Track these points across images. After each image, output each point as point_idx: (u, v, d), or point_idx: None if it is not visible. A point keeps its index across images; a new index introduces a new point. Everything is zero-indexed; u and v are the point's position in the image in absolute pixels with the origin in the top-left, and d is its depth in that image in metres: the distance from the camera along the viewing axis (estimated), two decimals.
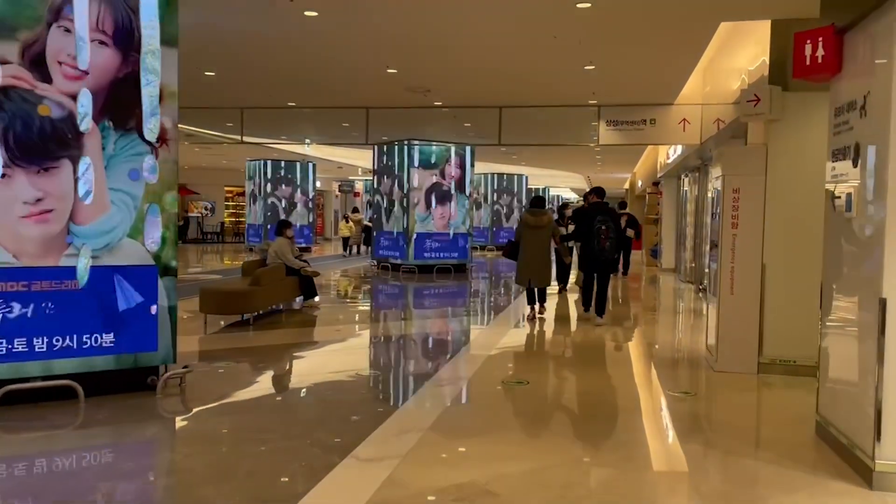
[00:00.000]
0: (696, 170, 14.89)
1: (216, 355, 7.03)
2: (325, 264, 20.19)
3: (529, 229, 9.19)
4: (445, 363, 6.78)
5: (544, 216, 9.36)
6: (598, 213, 8.91)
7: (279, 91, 11.10)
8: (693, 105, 11.11)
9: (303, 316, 9.77)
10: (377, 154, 17.86)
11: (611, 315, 10.03)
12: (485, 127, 11.88)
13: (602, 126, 11.38)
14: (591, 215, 8.93)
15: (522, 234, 9.26)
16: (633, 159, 22.85)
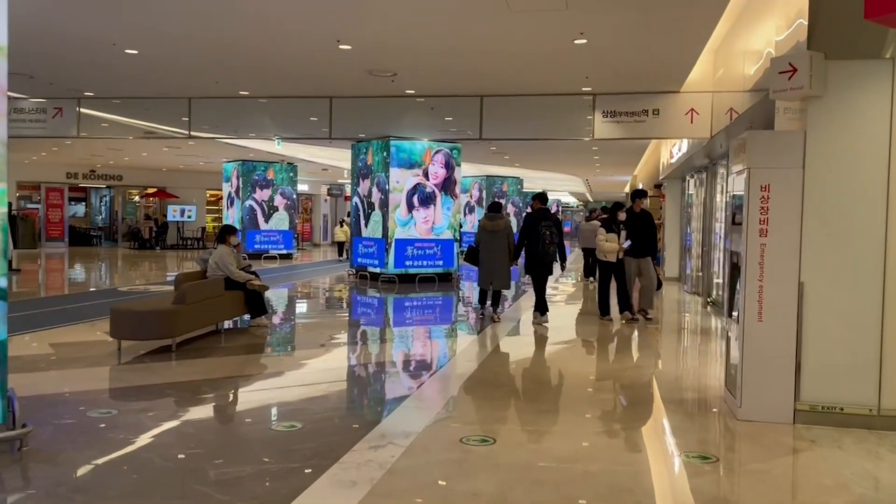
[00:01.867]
0: (703, 170, 13.45)
1: (106, 398, 5.57)
2: (302, 273, 18.77)
3: (487, 234, 9.49)
4: (396, 408, 5.31)
5: (501, 220, 9.55)
6: (542, 218, 9.25)
7: (225, 77, 9.66)
8: (702, 93, 9.67)
9: (246, 339, 8.31)
10: (354, 153, 16.44)
11: (604, 332, 8.56)
12: (466, 120, 10.45)
13: (597, 117, 9.93)
14: (535, 220, 9.28)
15: (481, 239, 9.58)
16: (634, 160, 21.42)
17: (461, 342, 8.77)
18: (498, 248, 9.37)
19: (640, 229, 9.68)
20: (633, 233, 9.64)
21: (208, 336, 8.19)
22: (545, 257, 9.17)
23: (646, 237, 9.72)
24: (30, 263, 19.48)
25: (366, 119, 10.71)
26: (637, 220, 9.69)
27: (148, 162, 25.97)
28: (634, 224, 9.66)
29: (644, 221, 9.74)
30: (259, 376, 6.41)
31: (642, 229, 9.69)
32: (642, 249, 9.74)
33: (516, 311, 11.44)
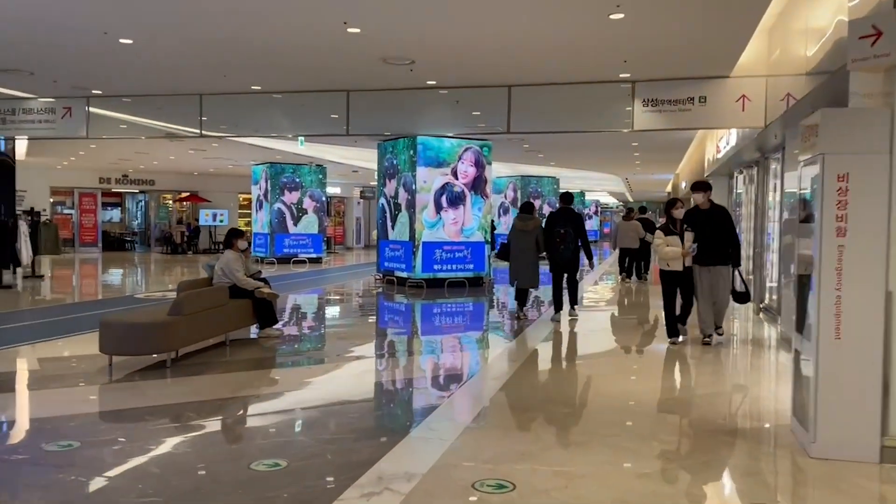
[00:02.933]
0: (753, 165, 12.42)
1: (74, 426, 4.93)
2: (329, 277, 18.17)
3: (517, 233, 9.75)
4: (402, 441, 4.55)
5: (531, 221, 9.73)
6: (559, 218, 9.58)
7: (232, 70, 9.03)
8: (755, 77, 8.72)
9: (252, 352, 7.65)
10: (380, 152, 15.76)
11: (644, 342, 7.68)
12: (493, 113, 9.64)
13: (637, 107, 9.03)
14: (553, 221, 9.61)
15: (512, 238, 9.84)
16: (677, 157, 20.33)
17: (488, 355, 7.97)
18: (527, 247, 9.63)
19: (713, 229, 7.68)
20: (702, 234, 7.65)
21: (213, 349, 7.55)
22: (558, 256, 9.58)
23: (721, 240, 7.71)
24: (52, 269, 19.27)
25: (386, 114, 9.98)
26: (706, 217, 7.74)
27: (179, 166, 25.73)
28: (703, 223, 7.70)
29: (717, 219, 7.75)
30: (254, 398, 5.71)
31: (715, 229, 7.69)
32: (717, 255, 7.71)
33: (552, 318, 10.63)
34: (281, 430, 4.76)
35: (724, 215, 7.87)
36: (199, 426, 4.86)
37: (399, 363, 7.46)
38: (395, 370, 7.06)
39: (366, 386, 6.24)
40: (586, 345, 8.92)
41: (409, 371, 7.04)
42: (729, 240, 7.76)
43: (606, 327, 10.42)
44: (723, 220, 7.82)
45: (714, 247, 7.69)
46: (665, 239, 7.88)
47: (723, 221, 7.80)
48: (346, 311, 12.06)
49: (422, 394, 6.04)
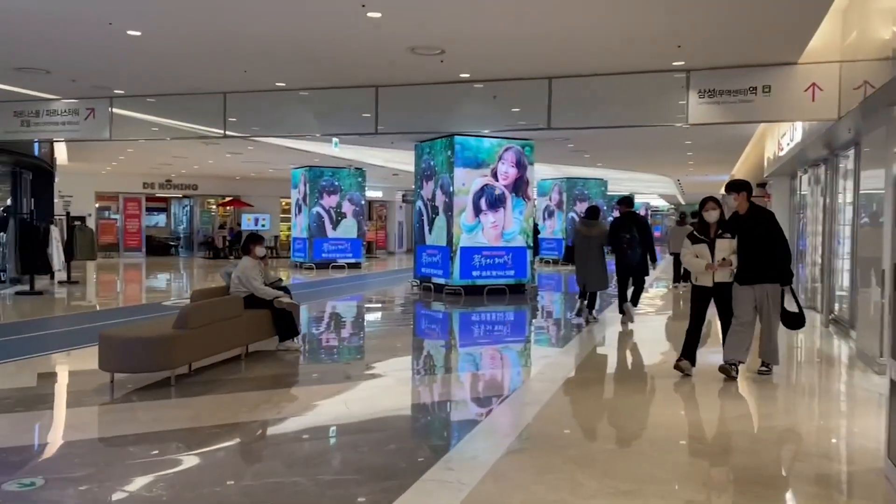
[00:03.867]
0: (821, 163, 11.36)
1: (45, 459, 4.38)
2: (366, 283, 17.63)
3: (582, 238, 9.95)
4: (412, 486, 3.84)
5: (595, 227, 9.90)
6: (624, 222, 9.69)
7: (252, 65, 8.48)
8: (827, 63, 7.77)
9: (269, 367, 7.05)
10: (417, 154, 15.15)
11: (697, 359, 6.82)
12: (532, 108, 8.87)
13: (692, 98, 8.15)
14: (618, 226, 9.72)
15: (576, 243, 10.12)
16: (733, 157, 19.20)
17: (525, 374, 7.22)
18: (592, 252, 9.80)
19: (756, 238, 6.27)
20: (743, 244, 6.33)
21: (227, 363, 6.98)
22: (626, 262, 9.69)
23: (767, 251, 6.25)
24: (94, 274, 19.20)
25: (418, 111, 9.31)
26: (748, 224, 6.35)
27: (220, 170, 25.63)
28: (743, 231, 6.35)
29: (762, 225, 6.33)
30: (254, 425, 5.08)
31: (759, 238, 6.27)
32: (761, 271, 6.26)
33: (602, 326, 9.88)
34: (275, 469, 4.11)
35: (769, 221, 6.41)
36: (181, 460, 4.24)
37: (423, 383, 6.75)
38: (418, 392, 6.36)
39: (383, 411, 5.57)
40: (635, 361, 8.09)
41: (433, 393, 6.34)
42: (777, 251, 6.28)
43: (657, 339, 9.55)
44: (768, 226, 6.35)
45: (757, 260, 6.27)
46: (692, 248, 6.55)
47: (769, 229, 6.33)
48: (377, 321, 11.44)
49: (444, 422, 5.33)
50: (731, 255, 6.38)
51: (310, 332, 9.60)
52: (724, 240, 6.43)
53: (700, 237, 6.55)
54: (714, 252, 6.42)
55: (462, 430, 5.00)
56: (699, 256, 6.51)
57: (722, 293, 6.49)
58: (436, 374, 7.26)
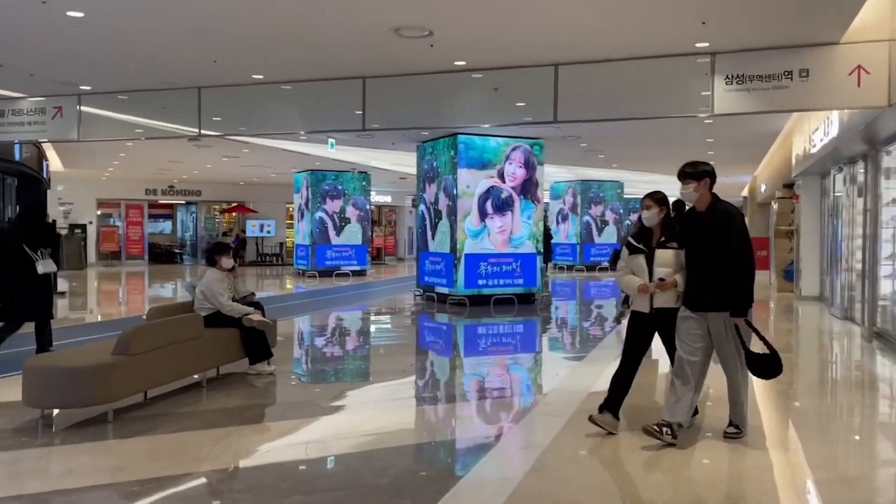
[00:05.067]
0: (859, 159, 10.31)
1: None
2: (367, 293, 16.74)
3: None
4: None
5: None
6: None
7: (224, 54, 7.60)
8: (875, 43, 6.75)
9: (234, 396, 6.13)
10: (419, 155, 14.26)
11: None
12: (537, 100, 7.92)
13: (719, 85, 7.14)
14: None
15: None
16: (758, 156, 18.10)
17: (526, 405, 6.24)
18: None
19: (713, 247, 4.55)
20: (695, 254, 4.66)
21: (187, 391, 6.09)
22: None
23: (727, 265, 4.51)
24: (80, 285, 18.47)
25: (410, 105, 8.38)
26: (706, 226, 4.60)
27: (223, 176, 24.91)
28: (694, 236, 4.67)
29: (724, 229, 4.54)
30: (192, 478, 4.16)
31: (718, 247, 4.53)
32: (712, 293, 4.54)
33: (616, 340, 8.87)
34: None
35: (734, 224, 4.53)
36: None
37: (406, 419, 5.78)
38: (396, 432, 5.38)
39: (352, 458, 4.63)
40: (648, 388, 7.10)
41: (417, 433, 5.38)
42: (738, 267, 4.49)
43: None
44: (733, 232, 4.51)
45: (712, 278, 4.52)
46: (626, 261, 4.94)
47: (733, 235, 4.50)
48: (370, 337, 10.51)
49: (417, 479, 4.37)
50: (676, 273, 4.67)
51: (292, 350, 8.70)
52: (667, 250, 4.71)
53: (637, 245, 4.87)
54: (652, 266, 4.73)
55: (439, 489, 4.05)
56: (635, 272, 4.83)
57: (665, 322, 4.76)
58: (427, 405, 6.32)
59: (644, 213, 4.85)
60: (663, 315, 4.75)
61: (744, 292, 4.51)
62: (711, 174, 4.67)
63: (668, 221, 4.81)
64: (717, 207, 4.64)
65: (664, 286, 4.66)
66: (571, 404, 5.76)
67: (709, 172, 4.66)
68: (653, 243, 4.81)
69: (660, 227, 4.81)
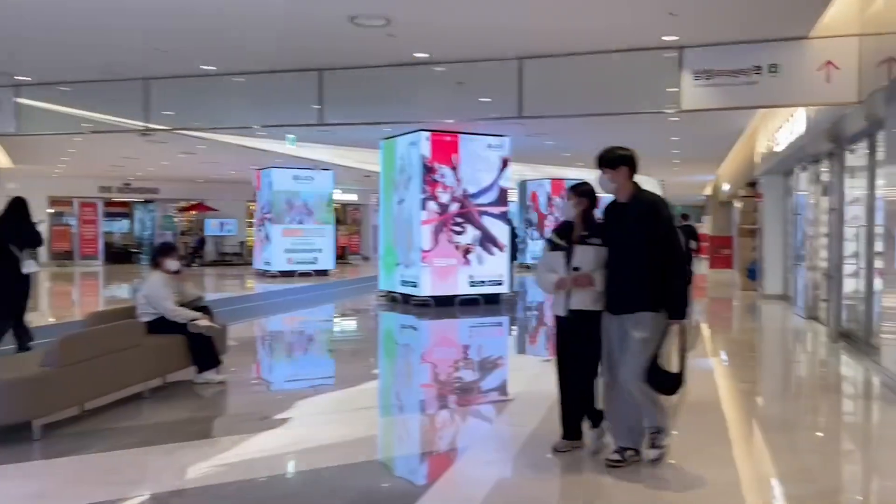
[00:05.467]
0: (824, 158, 10.24)
1: None
2: (328, 294, 16.31)
3: None
4: None
5: None
6: None
7: (169, 42, 7.17)
8: (844, 38, 6.62)
9: (176, 408, 5.72)
10: (382, 152, 13.90)
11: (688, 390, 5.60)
12: (502, 94, 7.64)
13: (687, 80, 6.94)
14: None
15: None
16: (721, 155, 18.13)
17: (491, 412, 5.95)
18: None
19: (633, 240, 4.08)
20: (614, 249, 4.18)
21: (128, 403, 5.66)
22: None
23: (643, 260, 4.05)
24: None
25: (370, 99, 8.05)
26: (627, 218, 4.14)
27: (182, 173, 24.22)
28: (614, 229, 4.20)
29: (647, 221, 4.07)
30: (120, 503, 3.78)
31: (638, 240, 4.06)
32: (630, 293, 4.08)
33: None
34: None
35: (651, 213, 4.06)
36: None
37: (364, 432, 5.40)
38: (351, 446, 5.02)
39: (302, 478, 4.28)
40: None
41: (374, 447, 5.03)
42: (669, 265, 4.01)
43: None
44: (648, 222, 4.03)
45: (629, 276, 4.05)
46: (546, 258, 4.40)
47: (658, 227, 4.03)
48: (329, 341, 10.14)
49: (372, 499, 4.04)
50: (596, 269, 4.15)
51: (246, 356, 8.29)
52: (588, 246, 4.18)
53: (558, 242, 4.31)
54: (570, 264, 4.20)
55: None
56: (555, 271, 4.28)
57: (581, 328, 4.18)
58: (380, 417, 5.99)
59: (566, 205, 4.38)
60: (581, 319, 4.18)
61: (680, 291, 4.05)
62: (629, 161, 4.16)
63: (590, 216, 4.29)
64: (640, 198, 4.14)
65: (579, 280, 4.14)
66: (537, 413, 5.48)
67: (626, 159, 4.16)
68: (575, 238, 4.26)
69: (582, 222, 4.27)
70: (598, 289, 4.16)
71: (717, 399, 6.10)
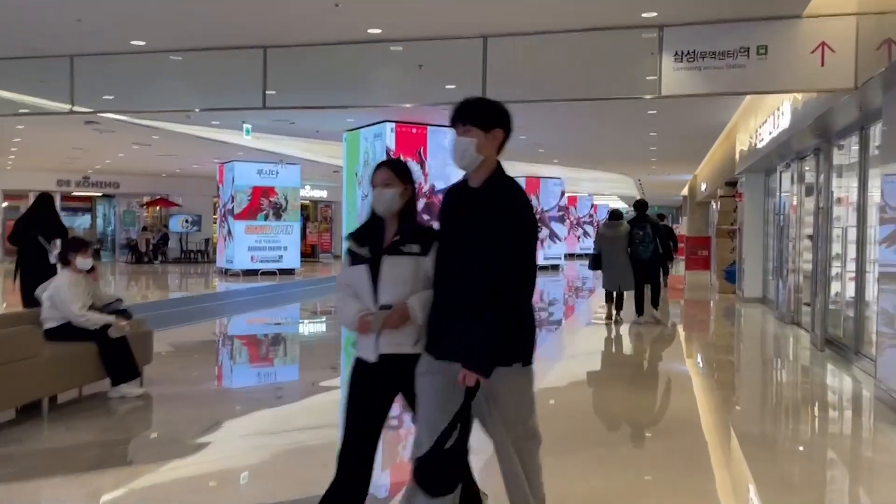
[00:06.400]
0: (810, 154, 9.67)
1: None
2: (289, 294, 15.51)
3: (607, 241, 10.18)
4: None
5: (620, 227, 10.17)
6: (635, 223, 10.16)
7: (88, 14, 6.36)
8: (840, 17, 5.99)
9: (83, 428, 4.94)
10: (346, 145, 13.17)
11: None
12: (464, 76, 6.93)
13: (667, 63, 6.26)
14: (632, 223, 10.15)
15: (602, 247, 10.28)
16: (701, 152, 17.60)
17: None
18: (619, 253, 10.03)
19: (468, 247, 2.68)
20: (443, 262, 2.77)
21: (19, 424, 4.88)
22: (637, 257, 9.97)
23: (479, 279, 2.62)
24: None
25: (320, 81, 7.29)
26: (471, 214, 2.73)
27: (143, 167, 23.20)
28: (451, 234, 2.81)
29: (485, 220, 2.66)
30: None
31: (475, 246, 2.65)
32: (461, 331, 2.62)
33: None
34: None
35: (507, 209, 2.65)
36: None
37: (299, 459, 4.69)
38: (281, 478, 4.30)
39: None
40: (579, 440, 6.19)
41: (309, 480, 4.29)
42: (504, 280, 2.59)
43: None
44: (501, 221, 2.62)
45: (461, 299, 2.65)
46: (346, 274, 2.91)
47: (500, 226, 2.61)
48: (278, 347, 9.38)
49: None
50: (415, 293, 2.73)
51: (179, 364, 7.50)
52: (401, 257, 2.77)
53: (359, 252, 2.85)
54: (378, 283, 2.76)
55: None
56: (358, 293, 2.83)
57: (400, 381, 2.79)
58: (326, 437, 5.24)
59: (378, 192, 2.83)
60: (396, 366, 2.75)
61: (491, 331, 2.54)
62: (507, 122, 2.73)
63: (410, 211, 2.87)
64: (497, 184, 2.69)
65: (391, 318, 2.68)
66: None
67: (504, 118, 2.72)
68: (386, 243, 2.81)
69: (397, 220, 2.85)
70: (422, 322, 2.72)
71: (696, 418, 5.46)
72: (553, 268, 22.30)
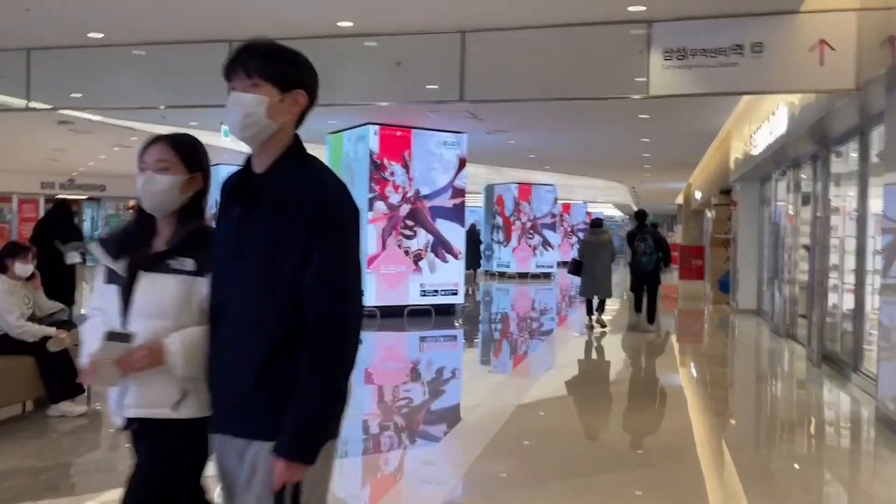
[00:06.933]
0: (807, 161, 9.30)
1: None
2: None
3: (591, 248, 10.36)
4: None
5: (604, 235, 10.49)
6: (636, 234, 10.43)
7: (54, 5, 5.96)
8: (839, 12, 5.62)
9: (10, 452, 4.50)
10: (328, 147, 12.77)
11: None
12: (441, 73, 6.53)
13: (656, 60, 5.88)
14: (632, 236, 10.45)
15: (585, 253, 10.41)
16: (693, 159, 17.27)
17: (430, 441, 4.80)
18: (602, 261, 10.21)
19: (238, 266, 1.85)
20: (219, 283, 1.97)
21: None
22: (640, 268, 10.23)
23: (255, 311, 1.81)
24: None
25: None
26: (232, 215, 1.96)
27: (127, 169, 22.61)
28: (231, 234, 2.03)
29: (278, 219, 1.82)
30: None
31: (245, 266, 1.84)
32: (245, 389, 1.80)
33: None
34: None
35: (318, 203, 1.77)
36: None
37: None
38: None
39: None
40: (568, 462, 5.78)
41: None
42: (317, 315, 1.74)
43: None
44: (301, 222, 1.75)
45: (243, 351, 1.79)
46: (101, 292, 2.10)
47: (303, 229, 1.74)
48: None
49: None
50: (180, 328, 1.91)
51: None
52: (167, 276, 1.95)
53: (111, 266, 2.01)
54: (129, 310, 1.96)
55: None
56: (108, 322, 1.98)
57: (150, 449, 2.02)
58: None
59: (147, 178, 2.08)
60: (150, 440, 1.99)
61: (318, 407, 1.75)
62: (313, 87, 1.92)
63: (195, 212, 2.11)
64: (292, 167, 1.88)
65: (136, 358, 1.88)
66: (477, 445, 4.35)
67: (309, 78, 1.92)
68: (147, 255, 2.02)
69: (175, 223, 2.08)
70: (182, 371, 1.87)
71: (690, 441, 5.05)
72: (545, 276, 21.86)
